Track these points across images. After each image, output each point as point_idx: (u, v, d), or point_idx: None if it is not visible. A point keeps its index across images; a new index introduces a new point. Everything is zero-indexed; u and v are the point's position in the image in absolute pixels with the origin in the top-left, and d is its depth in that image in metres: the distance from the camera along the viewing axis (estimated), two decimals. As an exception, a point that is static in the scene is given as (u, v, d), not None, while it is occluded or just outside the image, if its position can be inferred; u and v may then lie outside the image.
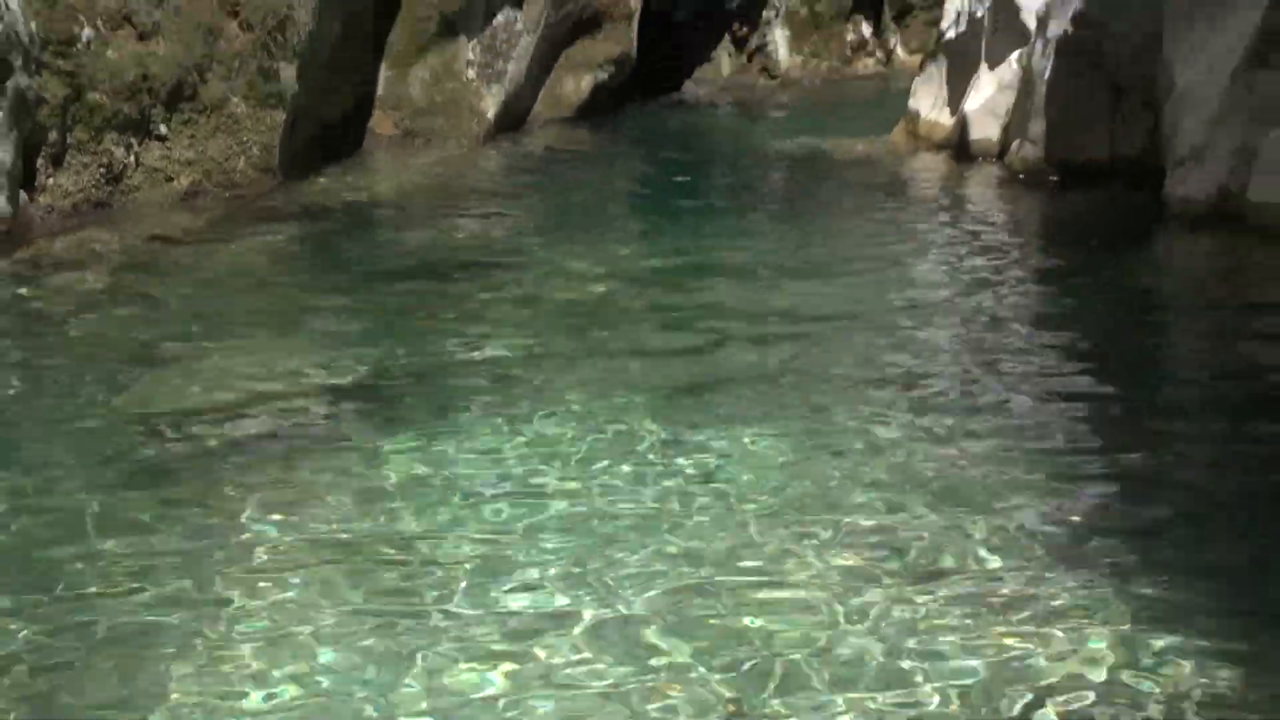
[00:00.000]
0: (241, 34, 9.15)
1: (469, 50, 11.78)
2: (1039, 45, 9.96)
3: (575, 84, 13.15)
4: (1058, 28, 9.58)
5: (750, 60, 15.84)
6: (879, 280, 7.60)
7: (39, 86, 8.02)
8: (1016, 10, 10.39)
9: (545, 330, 6.50)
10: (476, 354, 6.06)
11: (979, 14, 10.88)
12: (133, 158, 8.68)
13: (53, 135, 8.22)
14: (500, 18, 11.95)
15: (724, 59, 15.60)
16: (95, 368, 5.80)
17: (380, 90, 11.51)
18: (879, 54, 16.92)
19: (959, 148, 10.89)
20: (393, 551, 3.95)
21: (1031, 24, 10.21)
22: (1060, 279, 7.78)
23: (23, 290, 7.02)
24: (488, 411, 5.23)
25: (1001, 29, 10.59)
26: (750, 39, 15.79)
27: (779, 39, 16.05)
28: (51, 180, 8.26)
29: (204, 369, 5.79)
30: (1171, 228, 8.41)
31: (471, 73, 11.79)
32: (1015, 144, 10.19)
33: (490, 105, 11.85)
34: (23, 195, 7.95)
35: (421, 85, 11.60)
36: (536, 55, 12.42)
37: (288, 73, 9.46)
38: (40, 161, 8.18)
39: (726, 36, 15.62)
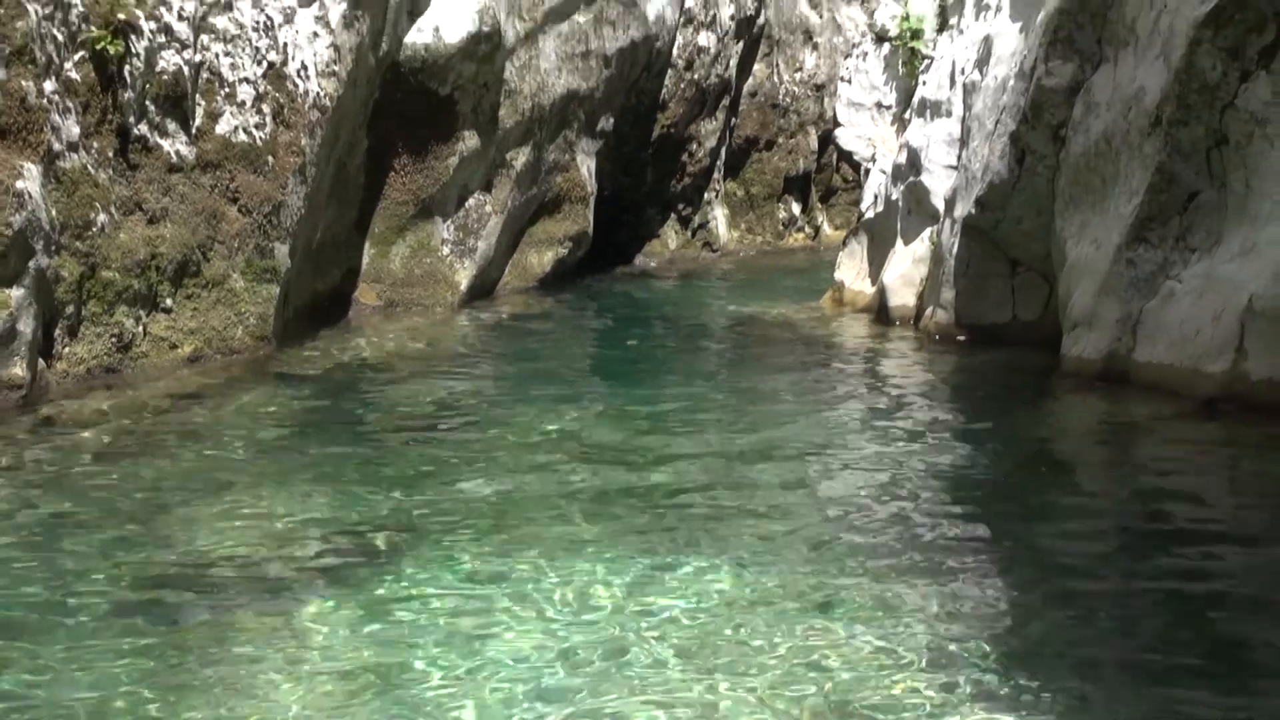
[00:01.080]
0: (240, 218, 9.24)
1: (444, 229, 11.91)
2: (947, 224, 10.14)
3: (539, 258, 13.29)
4: (962, 210, 9.76)
5: (694, 236, 16.03)
6: (805, 430, 7.70)
7: (57, 265, 8.07)
8: (927, 194, 10.60)
9: (510, 479, 6.49)
10: (447, 503, 6.05)
11: (894, 197, 11.11)
12: (141, 328, 8.70)
13: (69, 309, 8.25)
14: (471, 201, 12.11)
15: (671, 234, 15.76)
16: (107, 519, 5.78)
17: (365, 264, 11.59)
18: (808, 229, 17.18)
19: (880, 313, 11.05)
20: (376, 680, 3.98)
21: (940, 206, 10.42)
22: (967, 431, 7.87)
23: (40, 448, 7.00)
24: (457, 555, 5.22)
25: (914, 210, 10.81)
26: (694, 217, 15.98)
27: (719, 217, 16.28)
28: (67, 349, 8.28)
29: (207, 519, 5.79)
30: (1067, 385, 8.53)
31: (446, 249, 11.91)
32: (928, 310, 10.32)
33: (463, 277, 11.95)
34: (40, 362, 7.96)
35: (401, 260, 11.70)
36: (504, 233, 12.57)
37: (281, 251, 9.55)
38: (57, 332, 8.21)
39: (673, 215, 15.76)
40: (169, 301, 8.85)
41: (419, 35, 11.36)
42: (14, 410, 7.51)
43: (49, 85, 7.95)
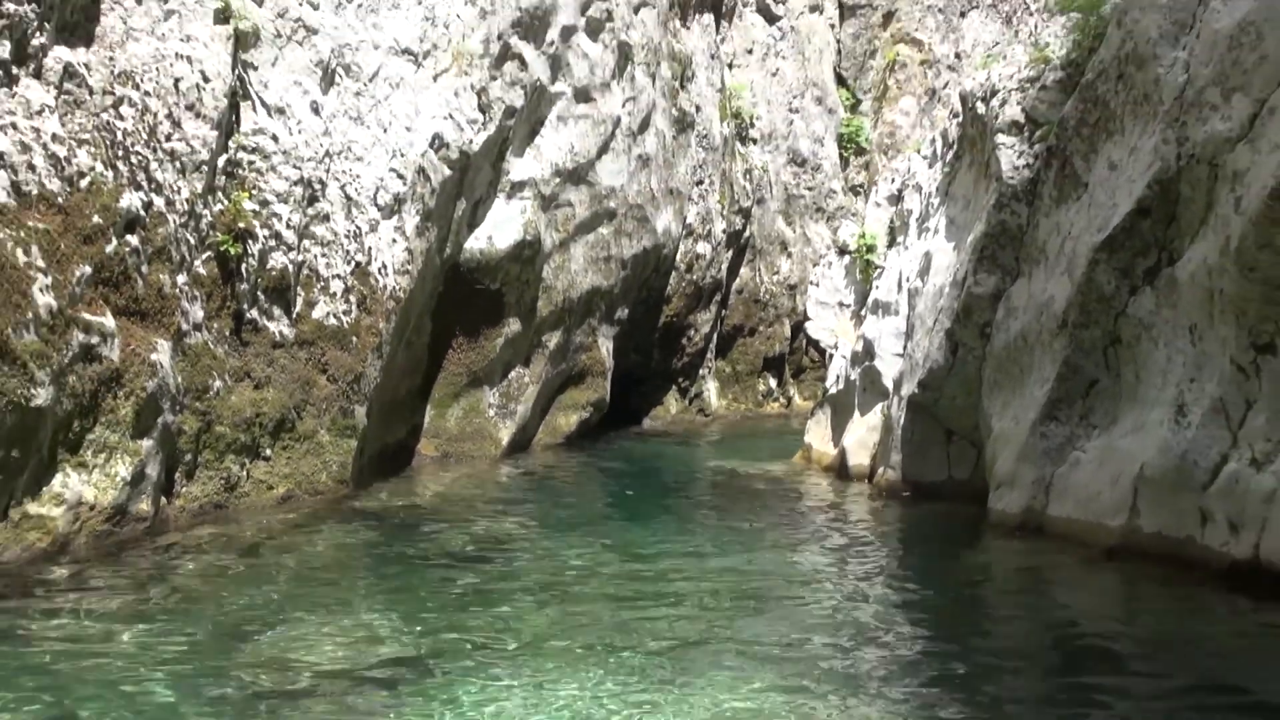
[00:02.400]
0: (328, 385, 9.30)
1: (490, 396, 11.97)
2: (895, 401, 10.19)
3: (566, 419, 13.32)
4: (908, 389, 9.81)
5: (690, 403, 16.08)
6: (776, 565, 7.69)
7: (180, 421, 8.12)
8: (879, 376, 10.66)
9: (537, 604, 6.46)
10: (491, 622, 6.03)
11: (853, 377, 11.17)
12: (245, 472, 8.71)
13: (188, 456, 8.28)
14: (513, 373, 12.19)
15: (672, 402, 15.82)
16: (210, 629, 5.78)
17: (426, 422, 11.63)
18: (782, 400, 17.23)
19: (840, 470, 11.04)
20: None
21: (890, 386, 10.48)
22: (909, 570, 7.84)
23: (159, 571, 6.97)
24: (496, 674, 5.18)
25: (869, 389, 10.86)
26: (690, 388, 16.05)
27: (710, 388, 16.34)
28: (184, 488, 8.29)
29: (291, 633, 5.75)
30: (993, 533, 8.50)
31: (492, 412, 11.95)
32: (880, 469, 10.32)
33: (505, 435, 11.97)
34: (162, 499, 7.96)
35: (455, 420, 11.74)
36: (538, 399, 12.62)
37: (360, 412, 9.59)
38: (177, 474, 8.23)
39: (674, 386, 15.84)
40: (268, 451, 8.87)
41: (475, 242, 11.56)
42: (140, 538, 7.50)
43: (181, 278, 8.06)
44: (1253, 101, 6.81)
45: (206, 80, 8.30)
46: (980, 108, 9.36)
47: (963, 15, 19.09)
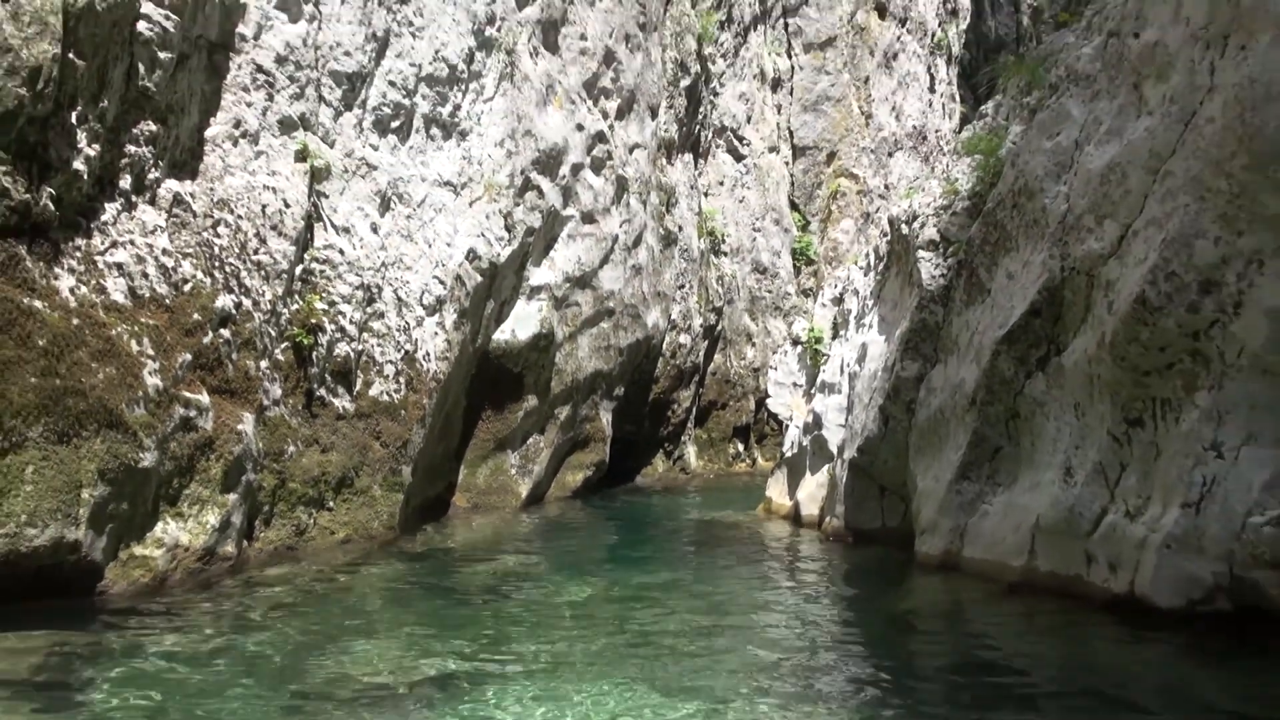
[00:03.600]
0: (381, 450, 9.24)
1: (512, 458, 11.91)
2: (839, 463, 10.14)
3: (573, 477, 13.24)
4: (849, 453, 9.77)
5: (674, 463, 15.99)
6: (742, 595, 7.60)
7: (260, 479, 8.06)
8: (826, 442, 10.62)
9: (551, 633, 6.37)
10: (513, 645, 5.95)
11: (805, 443, 11.13)
12: (312, 520, 8.63)
13: (265, 507, 8.21)
14: (531, 440, 12.14)
15: (659, 463, 15.75)
16: (283, 650, 5.70)
17: (459, 479, 11.55)
18: (748, 460, 17.14)
19: (795, 519, 10.96)
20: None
21: (835, 450, 10.43)
22: (850, 601, 7.75)
23: (241, 602, 6.89)
24: (517, 689, 5.11)
25: (817, 453, 10.82)
26: (674, 451, 15.98)
27: (690, 451, 16.27)
28: (262, 534, 8.21)
29: (349, 653, 5.67)
30: (918, 571, 8.39)
31: (513, 471, 11.88)
32: (827, 518, 10.25)
33: (523, 490, 11.89)
34: (244, 542, 7.88)
35: (483, 477, 11.67)
36: (551, 461, 12.55)
37: (406, 471, 9.53)
38: (256, 522, 8.15)
39: (661, 450, 15.78)
40: (331, 503, 8.80)
41: (502, 334, 11.58)
42: (225, 574, 7.41)
43: (264, 363, 8.06)
44: (1120, 226, 6.88)
45: (287, 206, 8.38)
46: (905, 229, 9.44)
47: (890, 155, 19.37)
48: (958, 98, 22.13)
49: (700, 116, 16.15)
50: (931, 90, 20.82)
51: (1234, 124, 6.02)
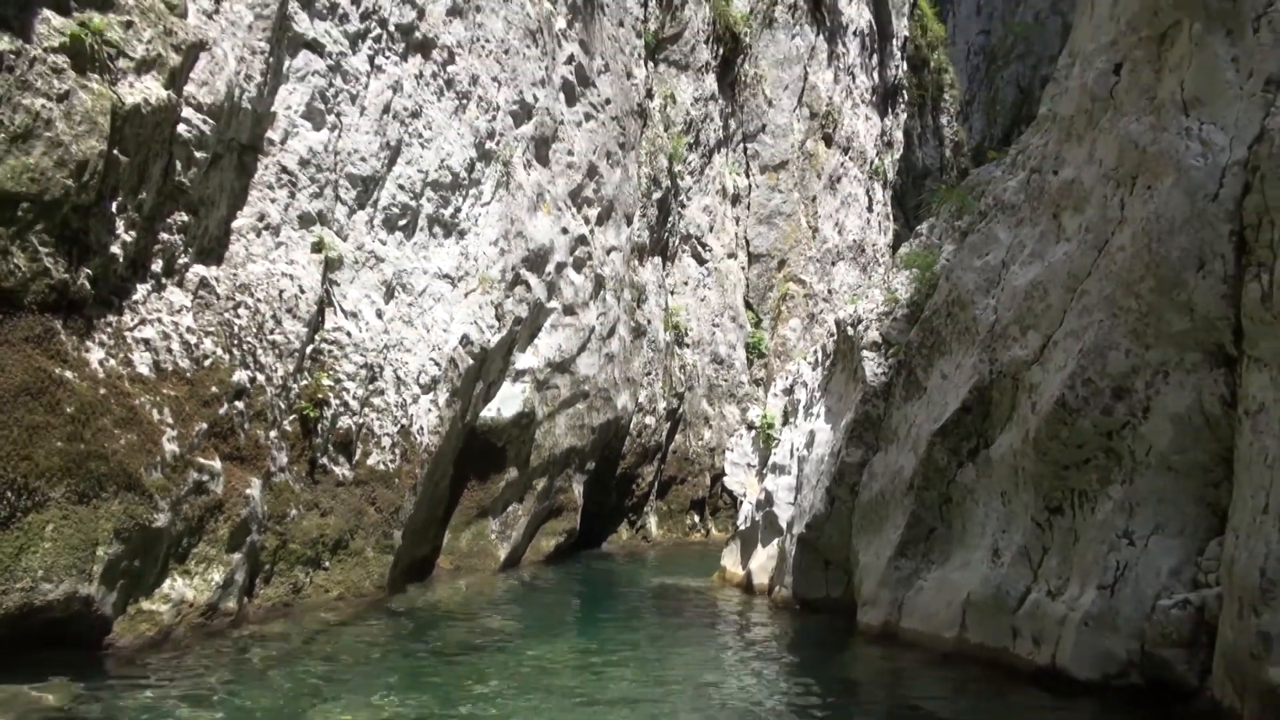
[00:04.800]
0: (375, 514, 8.99)
1: (493, 524, 11.65)
2: (788, 537, 10.02)
3: (547, 543, 12.97)
4: (798, 529, 9.66)
5: (638, 532, 15.75)
6: (696, 657, 7.38)
7: (263, 540, 7.80)
8: (776, 519, 10.51)
9: (517, 686, 6.13)
10: (490, 698, 5.71)
11: (757, 519, 11.00)
12: (309, 579, 8.33)
13: (266, 566, 7.92)
14: (510, 508, 11.89)
15: (624, 531, 15.50)
16: (281, 698, 5.43)
17: (444, 543, 11.26)
18: (704, 531, 16.92)
19: (747, 587, 10.77)
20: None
21: (785, 526, 10.32)
22: (795, 665, 7.54)
23: (241, 654, 6.59)
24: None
25: (768, 528, 10.69)
26: (638, 521, 15.75)
27: (652, 521, 16.05)
28: (262, 591, 7.90)
29: (339, 704, 5.41)
30: (860, 640, 8.22)
31: (493, 536, 11.61)
32: (777, 588, 10.08)
33: (502, 554, 11.61)
34: (245, 599, 7.57)
35: (466, 541, 11.38)
36: (528, 528, 12.30)
37: (397, 535, 9.26)
38: (257, 580, 7.84)
39: (625, 519, 15.55)
40: (327, 563, 8.51)
41: (488, 412, 11.42)
42: (226, 629, 7.10)
43: (273, 433, 7.85)
44: (1042, 336, 6.95)
45: (302, 292, 8.26)
46: (850, 330, 9.49)
47: (833, 264, 19.64)
48: (891, 216, 22.61)
49: (669, 225, 16.32)
50: (869, 209, 21.26)
51: (1142, 252, 6.13)
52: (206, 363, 7.14)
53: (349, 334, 8.87)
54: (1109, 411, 6.25)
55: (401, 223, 9.74)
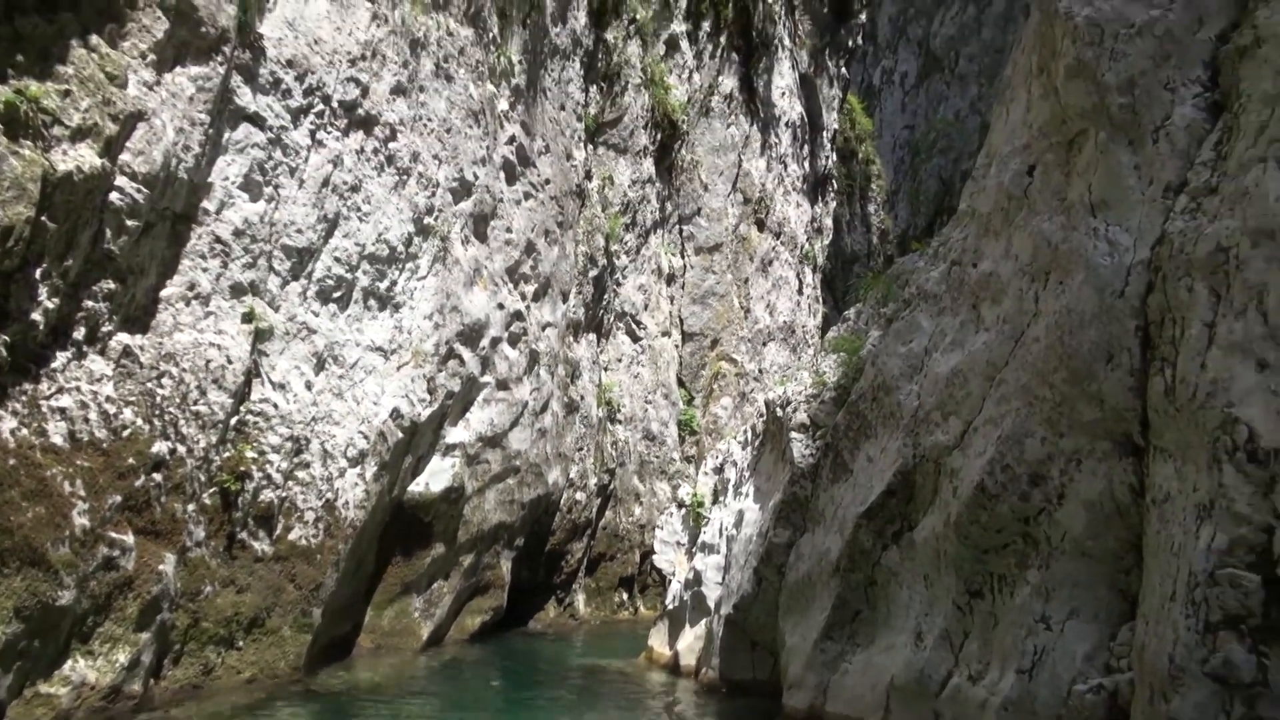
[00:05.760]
0: (295, 591, 8.70)
1: (417, 601, 11.34)
2: (716, 618, 9.95)
3: (472, 620, 12.65)
4: (725, 609, 9.60)
5: (565, 609, 15.45)
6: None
7: (174, 618, 7.46)
8: (704, 598, 10.43)
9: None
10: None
11: (685, 598, 10.91)
12: (221, 660, 7.98)
13: (176, 645, 7.58)
14: (435, 585, 11.60)
15: (552, 608, 15.18)
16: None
17: (366, 620, 10.89)
18: (632, 609, 16.69)
19: (674, 668, 10.61)
20: None
21: (712, 606, 10.24)
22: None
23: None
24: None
25: (697, 607, 10.61)
26: (566, 598, 15.47)
27: (580, 599, 15.78)
28: (170, 672, 7.54)
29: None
30: (786, 723, 8.16)
31: (417, 614, 11.29)
32: (704, 669, 9.96)
33: (425, 632, 11.28)
34: (151, 681, 7.21)
35: (389, 619, 11.04)
36: (453, 605, 11.99)
37: (317, 613, 8.96)
38: (166, 661, 7.49)
39: (554, 596, 15.26)
40: (241, 643, 8.17)
41: (416, 487, 11.20)
42: (129, 713, 6.73)
43: (191, 506, 7.60)
44: (963, 422, 7.13)
45: (230, 362, 8.10)
46: (779, 412, 9.61)
47: (764, 344, 19.96)
48: (821, 299, 23.16)
49: (605, 302, 16.46)
50: (800, 292, 21.75)
51: (1055, 345, 6.38)
52: (125, 433, 6.91)
53: (276, 405, 8.69)
54: (1026, 497, 6.41)
55: (336, 295, 9.65)
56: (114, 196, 6.86)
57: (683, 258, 18.81)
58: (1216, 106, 5.91)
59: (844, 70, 24.72)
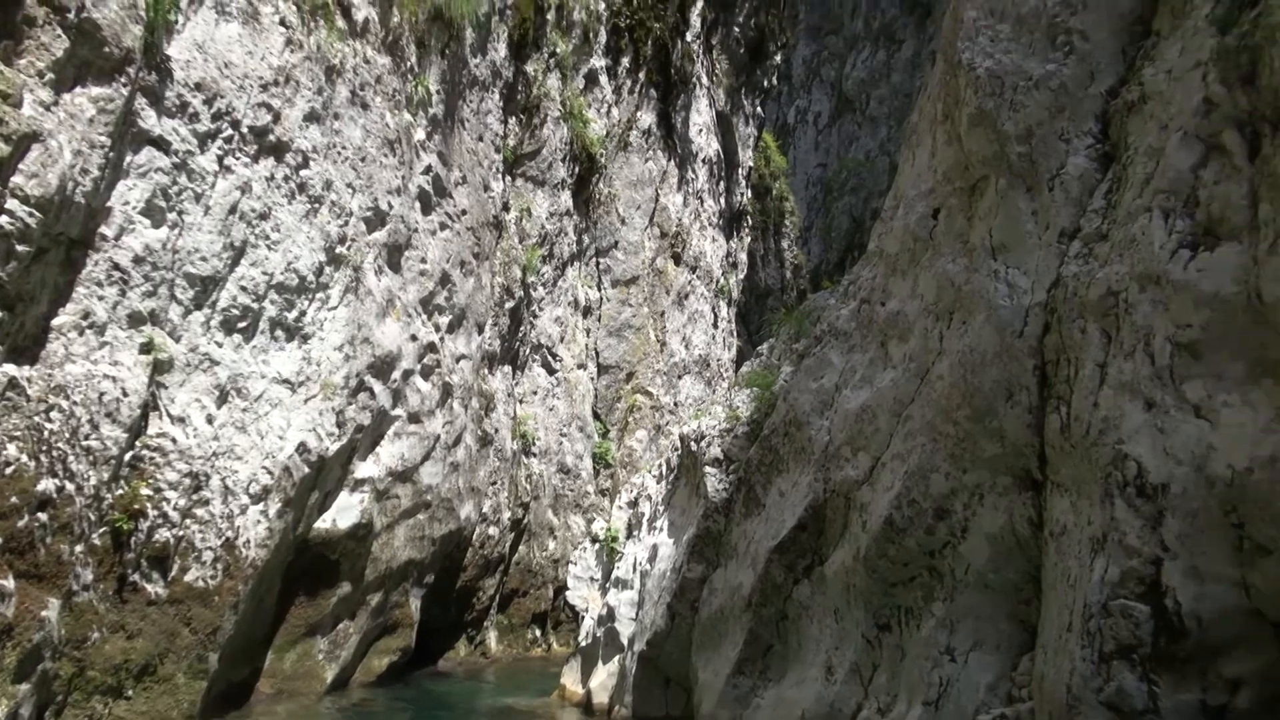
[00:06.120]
0: (190, 636, 8.33)
1: (321, 643, 10.97)
2: (629, 654, 9.89)
3: (379, 661, 12.30)
4: (639, 646, 9.55)
5: (476, 648, 15.17)
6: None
7: (58, 667, 7.05)
8: (618, 635, 10.37)
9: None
10: None
11: (599, 634, 10.82)
12: (108, 710, 7.57)
13: (59, 696, 7.16)
14: (341, 625, 11.26)
15: (462, 647, 14.89)
16: None
17: (266, 664, 10.49)
18: (544, 646, 16.48)
19: (587, 707, 10.49)
20: None
21: (626, 642, 10.18)
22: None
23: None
24: None
25: (610, 644, 10.53)
26: (477, 636, 15.20)
27: (492, 636, 15.52)
28: (52, 723, 7.11)
29: None
30: (700, 760, 8.11)
31: (321, 656, 10.92)
32: (617, 706, 9.87)
33: (329, 675, 10.91)
34: (31, 733, 6.79)
35: (290, 663, 10.65)
36: (359, 646, 11.65)
37: (213, 659, 8.59)
38: (47, 713, 7.06)
39: (464, 634, 14.96)
40: (130, 692, 7.77)
41: (323, 523, 10.88)
42: (3, 770, 6.33)
43: (79, 548, 7.23)
44: (871, 457, 7.28)
45: (125, 395, 7.77)
46: (694, 446, 9.66)
47: (679, 377, 20.10)
48: (735, 333, 23.48)
49: (520, 334, 16.37)
50: (715, 326, 22.02)
51: (959, 382, 6.58)
52: (8, 470, 6.56)
53: (174, 440, 8.36)
54: (931, 531, 6.56)
55: (241, 325, 9.37)
56: (3, 220, 6.56)
57: (599, 290, 18.87)
58: (1107, 157, 6.22)
59: (759, 109, 25.31)
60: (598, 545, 11.91)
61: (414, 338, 12.30)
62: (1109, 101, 6.24)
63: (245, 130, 9.35)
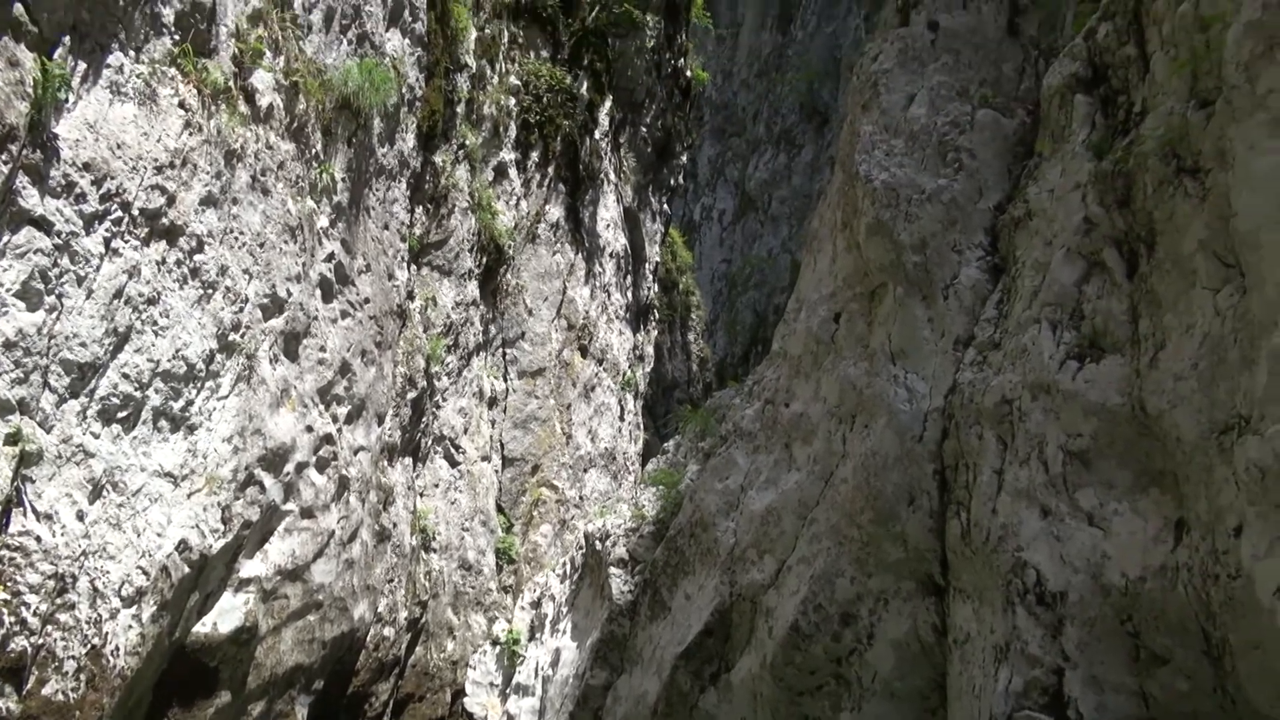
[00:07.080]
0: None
1: (194, 760, 10.14)
2: None
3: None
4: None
5: (365, 759, 14.23)
6: None
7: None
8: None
9: None
10: None
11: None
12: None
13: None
14: (217, 739, 10.45)
15: (350, 758, 13.96)
16: None
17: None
18: None
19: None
20: None
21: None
22: None
23: None
24: None
25: None
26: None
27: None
28: None
29: None
30: None
31: (193, 773, 10.08)
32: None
33: (201, 795, 10.05)
34: None
35: (158, 782, 9.78)
36: (236, 761, 10.80)
37: None
38: None
39: None
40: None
41: (202, 627, 10.18)
42: None
43: (-81, 661, 6.56)
44: (777, 561, 7.24)
45: (-15, 491, 7.20)
46: (598, 545, 9.49)
47: (585, 470, 19.90)
48: (642, 426, 23.47)
49: (423, 425, 15.98)
50: (621, 419, 21.97)
51: (862, 485, 6.64)
52: None
53: (39, 539, 7.75)
54: (838, 638, 6.51)
55: (121, 414, 8.86)
56: None
57: (505, 381, 18.66)
58: (997, 269, 6.49)
59: (666, 206, 25.92)
60: (498, 648, 11.47)
61: (310, 429, 11.84)
62: (997, 216, 6.54)
63: (136, 212, 9.01)
